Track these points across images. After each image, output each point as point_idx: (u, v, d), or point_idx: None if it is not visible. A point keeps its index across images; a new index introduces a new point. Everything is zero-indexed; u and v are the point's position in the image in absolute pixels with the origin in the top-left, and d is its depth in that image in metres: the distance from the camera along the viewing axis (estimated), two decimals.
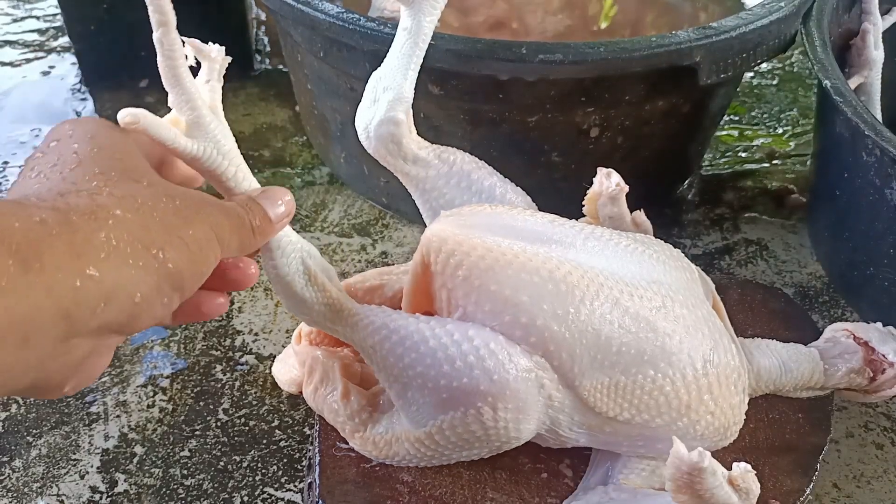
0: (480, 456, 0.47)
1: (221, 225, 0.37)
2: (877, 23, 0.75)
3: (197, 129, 0.40)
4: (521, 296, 0.43)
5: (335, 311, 0.46)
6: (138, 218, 0.33)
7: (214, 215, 0.37)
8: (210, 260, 0.36)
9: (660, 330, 0.45)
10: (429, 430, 0.46)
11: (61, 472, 0.57)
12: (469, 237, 0.44)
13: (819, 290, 0.74)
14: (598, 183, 0.56)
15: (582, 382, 0.44)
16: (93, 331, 0.32)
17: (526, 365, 0.44)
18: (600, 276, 0.45)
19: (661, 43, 0.60)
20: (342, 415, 0.49)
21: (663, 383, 0.45)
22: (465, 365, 0.43)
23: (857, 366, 0.53)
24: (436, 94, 0.63)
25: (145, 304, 0.33)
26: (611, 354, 0.44)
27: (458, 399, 0.44)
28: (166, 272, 0.33)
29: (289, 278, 0.44)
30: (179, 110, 0.40)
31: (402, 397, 0.46)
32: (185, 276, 0.34)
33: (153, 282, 0.33)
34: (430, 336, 0.44)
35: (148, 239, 0.33)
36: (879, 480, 0.58)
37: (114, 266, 0.31)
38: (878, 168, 0.61)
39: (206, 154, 0.40)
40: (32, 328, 0.29)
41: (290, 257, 0.44)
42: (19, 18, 1.07)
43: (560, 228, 0.48)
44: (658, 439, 0.46)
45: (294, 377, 0.54)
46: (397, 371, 0.45)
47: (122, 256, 0.32)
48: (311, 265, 0.45)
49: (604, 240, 0.48)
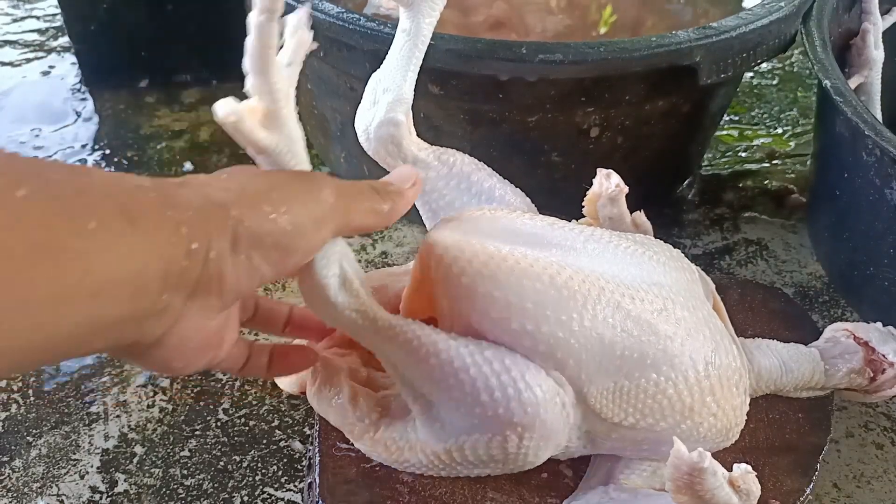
0: (488, 474, 0.47)
1: (328, 196, 0.38)
2: (877, 22, 0.75)
3: (274, 121, 0.39)
4: (526, 303, 0.43)
5: (367, 320, 0.44)
6: (220, 183, 0.36)
7: (321, 187, 0.38)
8: (304, 225, 0.37)
9: (661, 333, 0.45)
10: (448, 447, 0.45)
11: (61, 472, 0.57)
12: (471, 244, 0.44)
13: (819, 290, 0.74)
14: (597, 184, 0.56)
15: (589, 389, 0.44)
16: (182, 286, 0.34)
17: (552, 388, 0.44)
18: (601, 280, 0.45)
19: (661, 43, 0.60)
20: (351, 417, 0.49)
21: (666, 386, 0.45)
22: (503, 396, 0.43)
23: (857, 366, 0.53)
24: (436, 94, 0.63)
25: (222, 262, 0.34)
26: (614, 359, 0.44)
27: (488, 426, 0.43)
28: (242, 230, 0.35)
29: (325, 281, 0.42)
30: (260, 98, 0.39)
31: (426, 413, 0.46)
32: (262, 235, 0.35)
33: (227, 239, 0.34)
34: (470, 364, 0.43)
35: (222, 199, 0.35)
36: (879, 480, 0.58)
37: (195, 224, 0.33)
38: (878, 168, 0.61)
39: (278, 150, 0.39)
40: (141, 282, 0.31)
41: (330, 260, 0.42)
42: (19, 18, 1.07)
43: (560, 231, 0.48)
44: (662, 442, 0.46)
45: (297, 379, 0.54)
46: (428, 390, 0.44)
47: (200, 216, 0.34)
48: (347, 269, 0.43)
49: (604, 242, 0.48)
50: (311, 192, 0.38)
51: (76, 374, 0.63)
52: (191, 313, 0.35)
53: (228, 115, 0.37)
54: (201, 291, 0.35)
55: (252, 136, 0.38)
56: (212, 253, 0.34)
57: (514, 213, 0.49)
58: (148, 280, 0.32)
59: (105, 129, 0.89)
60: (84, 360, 0.64)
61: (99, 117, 0.91)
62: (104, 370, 0.64)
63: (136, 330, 0.34)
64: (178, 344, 0.36)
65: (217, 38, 0.92)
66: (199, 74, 0.95)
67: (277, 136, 0.39)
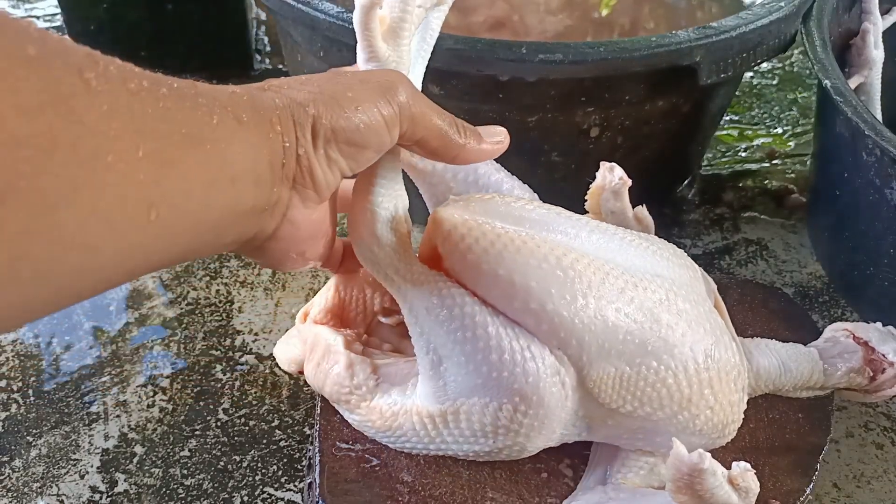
0: (478, 457, 0.47)
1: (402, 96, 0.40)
2: (877, 22, 0.75)
3: (394, 37, 0.42)
4: (530, 281, 0.43)
5: (403, 261, 0.45)
6: (302, 86, 0.38)
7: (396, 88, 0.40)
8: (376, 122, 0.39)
9: (663, 322, 0.45)
10: (444, 409, 0.45)
11: (61, 472, 0.57)
12: (478, 223, 0.44)
13: (819, 290, 0.74)
14: (600, 177, 0.56)
15: (590, 372, 0.44)
16: (285, 178, 0.37)
17: (554, 364, 0.44)
18: (606, 266, 0.45)
19: (661, 43, 0.60)
20: (347, 385, 0.49)
21: (666, 375, 0.45)
22: (511, 360, 0.43)
23: (856, 365, 0.53)
24: (436, 94, 0.63)
25: (309, 156, 0.37)
26: (617, 343, 0.44)
27: (490, 388, 0.44)
28: (321, 125, 0.37)
29: (376, 209, 0.44)
30: (392, 10, 0.42)
31: (434, 368, 0.46)
32: (338, 132, 0.38)
33: (309, 132, 0.37)
34: (489, 323, 0.44)
35: (303, 99, 0.37)
36: (879, 480, 0.58)
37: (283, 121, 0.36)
38: (878, 168, 0.61)
39: (387, 63, 0.42)
40: (257, 172, 0.35)
41: (389, 195, 0.44)
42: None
43: (567, 220, 0.48)
44: (658, 433, 0.46)
45: (295, 356, 0.54)
46: (442, 342, 0.45)
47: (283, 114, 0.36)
48: (400, 210, 0.45)
49: (609, 233, 0.49)
50: (385, 92, 0.40)
51: (76, 374, 0.63)
52: (296, 204, 0.39)
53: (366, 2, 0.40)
54: (299, 184, 0.38)
55: (373, 39, 0.41)
56: (300, 149, 0.37)
57: (523, 200, 0.49)
58: (263, 171, 0.35)
59: None
60: (84, 360, 0.64)
61: None
62: (104, 370, 0.64)
63: (258, 222, 0.37)
64: (290, 235, 0.40)
65: (217, 38, 0.93)
66: (199, 74, 0.95)
67: (391, 52, 0.42)
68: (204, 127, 0.32)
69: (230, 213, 0.34)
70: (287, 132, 0.36)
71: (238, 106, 0.34)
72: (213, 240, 0.35)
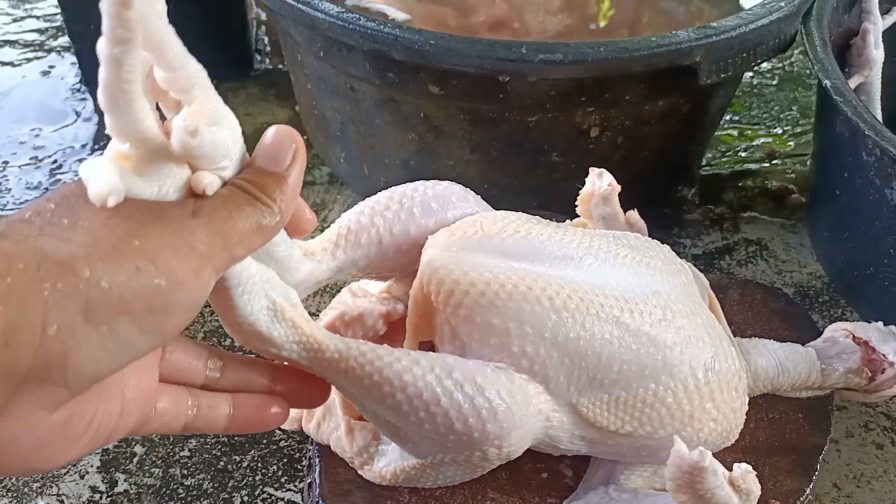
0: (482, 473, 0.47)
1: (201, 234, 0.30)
2: (877, 22, 0.75)
3: (149, 164, 0.31)
4: (525, 327, 0.43)
5: (314, 352, 0.40)
6: (62, 233, 0.28)
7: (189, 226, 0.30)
8: (178, 276, 0.29)
9: (661, 343, 0.45)
10: (431, 462, 0.45)
11: (61, 472, 0.57)
12: (465, 272, 0.43)
13: (819, 290, 0.74)
14: (590, 183, 0.56)
15: (579, 400, 0.44)
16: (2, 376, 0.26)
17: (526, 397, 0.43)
18: (599, 297, 0.44)
19: (661, 43, 0.60)
20: (349, 451, 0.48)
21: (665, 395, 0.45)
22: (477, 421, 0.41)
23: (854, 366, 0.53)
24: (436, 94, 0.63)
25: (68, 337, 0.27)
26: (612, 374, 0.44)
27: (463, 446, 0.43)
28: (99, 293, 0.27)
29: (252, 318, 0.37)
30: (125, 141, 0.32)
31: (395, 434, 0.44)
32: (128, 296, 0.28)
33: (76, 307, 0.27)
34: (441, 394, 0.40)
35: (67, 255, 0.27)
36: (879, 480, 0.58)
37: (17, 292, 0.26)
38: (878, 168, 0.61)
39: (161, 194, 0.32)
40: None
41: (253, 293, 0.37)
42: (19, 18, 1.07)
43: (556, 245, 0.47)
44: (662, 449, 0.46)
45: (293, 414, 0.52)
46: (394, 420, 0.42)
47: (28, 279, 0.26)
48: (275, 297, 0.38)
49: (601, 253, 0.47)
50: (177, 232, 0.30)
51: None
52: (18, 410, 0.27)
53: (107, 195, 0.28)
54: (33, 381, 0.27)
55: (132, 193, 0.30)
56: (51, 329, 0.26)
57: (509, 227, 0.47)
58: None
59: (105, 129, 0.89)
60: None
61: (99, 117, 0.91)
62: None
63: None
64: (10, 446, 0.29)
65: (217, 38, 0.92)
66: None
67: (159, 180, 0.31)
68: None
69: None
70: (20, 307, 0.26)
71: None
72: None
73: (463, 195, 0.50)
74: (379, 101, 0.67)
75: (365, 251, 0.47)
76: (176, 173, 0.32)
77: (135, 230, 0.29)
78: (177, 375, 0.39)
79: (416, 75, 0.62)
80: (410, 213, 0.47)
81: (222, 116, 0.33)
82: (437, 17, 0.79)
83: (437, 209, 0.48)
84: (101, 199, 0.28)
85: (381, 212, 0.48)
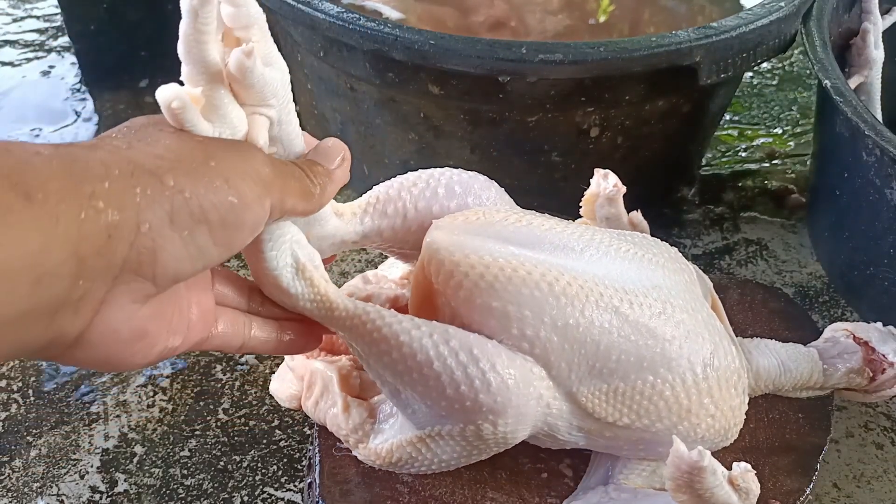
0: (480, 458, 0.47)
1: (264, 167, 0.35)
2: (877, 22, 0.75)
3: (214, 111, 0.35)
4: (524, 310, 0.43)
5: (326, 309, 0.43)
6: (147, 148, 0.31)
7: (256, 158, 0.35)
8: (247, 198, 0.33)
9: (659, 336, 0.45)
10: (426, 433, 0.45)
11: (61, 472, 0.57)
12: (466, 254, 0.44)
13: (819, 290, 0.74)
14: (595, 184, 0.56)
15: (579, 389, 0.44)
16: (102, 270, 0.29)
17: (526, 378, 0.43)
18: (599, 286, 0.45)
19: (661, 43, 0.60)
20: (345, 428, 0.48)
21: (663, 388, 0.45)
22: (469, 389, 0.42)
23: (856, 366, 0.53)
24: (436, 94, 0.63)
25: (157, 236, 0.30)
26: (610, 363, 0.44)
27: (457, 415, 0.43)
28: (181, 200, 0.30)
29: (277, 272, 0.41)
30: (195, 86, 0.35)
31: (396, 397, 0.45)
32: (206, 207, 0.31)
33: (163, 211, 0.30)
34: (434, 357, 0.42)
35: (154, 166, 0.30)
36: (879, 480, 0.58)
37: (115, 193, 0.29)
38: (878, 168, 0.61)
39: None
40: (44, 266, 0.27)
41: (281, 249, 0.41)
42: (19, 18, 1.07)
43: (558, 235, 0.47)
44: (659, 443, 0.46)
45: (293, 393, 0.53)
46: (392, 380, 0.44)
47: (123, 183, 0.29)
48: (300, 256, 0.42)
49: (603, 246, 0.48)
50: (248, 162, 0.34)
51: (76, 375, 0.63)
52: (116, 301, 0.31)
53: (171, 100, 0.33)
54: (128, 273, 0.30)
55: (195, 128, 0.34)
56: (143, 226, 0.29)
57: (511, 216, 0.48)
58: (53, 264, 0.27)
59: (105, 129, 0.89)
60: None
61: (99, 117, 0.91)
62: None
63: (48, 327, 0.29)
64: (104, 339, 0.32)
65: None
66: None
67: (220, 127, 0.35)
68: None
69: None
70: (120, 206, 0.29)
71: (35, 175, 0.27)
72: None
73: (486, 185, 0.52)
74: (379, 101, 0.67)
75: (390, 222, 0.49)
76: (236, 125, 0.36)
77: (211, 153, 0.33)
78: (226, 302, 0.42)
79: (416, 75, 0.62)
80: (435, 192, 0.49)
81: (276, 59, 0.37)
82: (436, 17, 0.79)
83: (459, 193, 0.50)
84: (167, 101, 0.33)
85: (409, 187, 0.50)
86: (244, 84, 0.36)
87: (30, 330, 0.28)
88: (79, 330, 0.30)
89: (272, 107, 0.37)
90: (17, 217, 0.26)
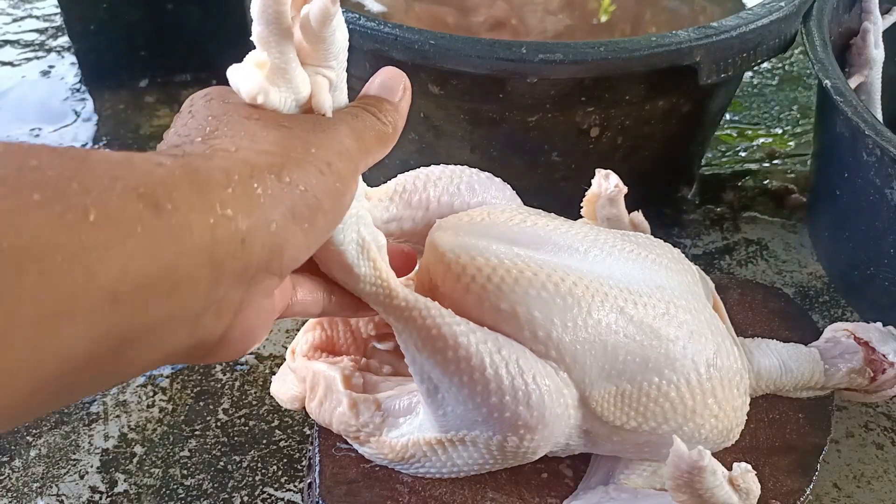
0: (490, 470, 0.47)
1: (349, 140, 0.35)
2: (877, 22, 0.75)
3: (281, 76, 0.35)
4: (533, 311, 0.43)
5: (386, 296, 0.42)
6: (253, 146, 0.31)
7: (341, 132, 0.35)
8: (346, 178, 0.34)
9: (663, 337, 0.45)
10: (449, 437, 0.45)
11: (61, 472, 0.57)
12: (472, 256, 0.44)
13: (819, 290, 0.74)
14: (596, 184, 0.56)
15: (591, 393, 0.44)
16: (238, 273, 0.30)
17: (559, 389, 0.43)
18: (604, 286, 0.45)
19: (661, 43, 0.60)
20: (355, 424, 0.48)
21: (668, 389, 0.45)
22: (512, 400, 0.42)
23: (857, 366, 0.53)
24: (436, 94, 0.63)
25: (283, 232, 0.31)
26: (617, 363, 0.44)
27: (492, 425, 0.43)
28: (299, 194, 0.31)
29: (343, 247, 0.39)
30: (266, 51, 0.34)
31: (431, 396, 0.45)
32: (320, 196, 0.32)
33: (285, 207, 0.31)
34: (488, 364, 0.42)
35: (268, 164, 0.31)
36: (879, 480, 0.58)
37: (241, 198, 0.29)
38: (878, 168, 0.61)
39: (286, 107, 0.35)
40: (180, 275, 0.27)
41: (347, 224, 0.39)
42: (19, 18, 1.07)
43: (562, 235, 0.47)
44: (664, 445, 0.46)
45: (295, 394, 0.53)
46: (438, 378, 0.43)
47: (246, 187, 0.29)
48: (365, 235, 0.40)
49: (607, 247, 0.48)
50: (337, 139, 0.34)
51: None
52: (252, 299, 0.32)
53: (256, 94, 0.33)
54: (262, 273, 0.31)
55: (267, 100, 0.34)
56: (271, 226, 0.30)
57: (516, 217, 0.48)
58: (188, 273, 0.27)
59: (105, 129, 0.89)
60: None
61: (98, 117, 0.91)
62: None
63: (191, 333, 0.30)
64: (243, 336, 0.33)
65: (216, 38, 0.92)
66: (199, 74, 0.95)
67: (285, 92, 0.35)
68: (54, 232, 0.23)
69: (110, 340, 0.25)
70: (246, 210, 0.29)
71: (162, 186, 0.27)
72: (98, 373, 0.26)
73: (501, 186, 0.52)
74: None
75: (413, 213, 0.49)
76: (300, 89, 0.35)
77: (308, 139, 0.33)
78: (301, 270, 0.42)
79: (416, 75, 0.62)
80: (458, 188, 0.50)
81: (342, 24, 0.37)
82: (436, 17, 0.79)
83: (478, 191, 0.50)
84: (252, 98, 0.33)
85: (434, 180, 0.50)
86: (319, 36, 0.35)
87: (175, 335, 0.29)
88: (222, 331, 0.31)
89: (332, 69, 0.37)
90: (147, 230, 0.26)
